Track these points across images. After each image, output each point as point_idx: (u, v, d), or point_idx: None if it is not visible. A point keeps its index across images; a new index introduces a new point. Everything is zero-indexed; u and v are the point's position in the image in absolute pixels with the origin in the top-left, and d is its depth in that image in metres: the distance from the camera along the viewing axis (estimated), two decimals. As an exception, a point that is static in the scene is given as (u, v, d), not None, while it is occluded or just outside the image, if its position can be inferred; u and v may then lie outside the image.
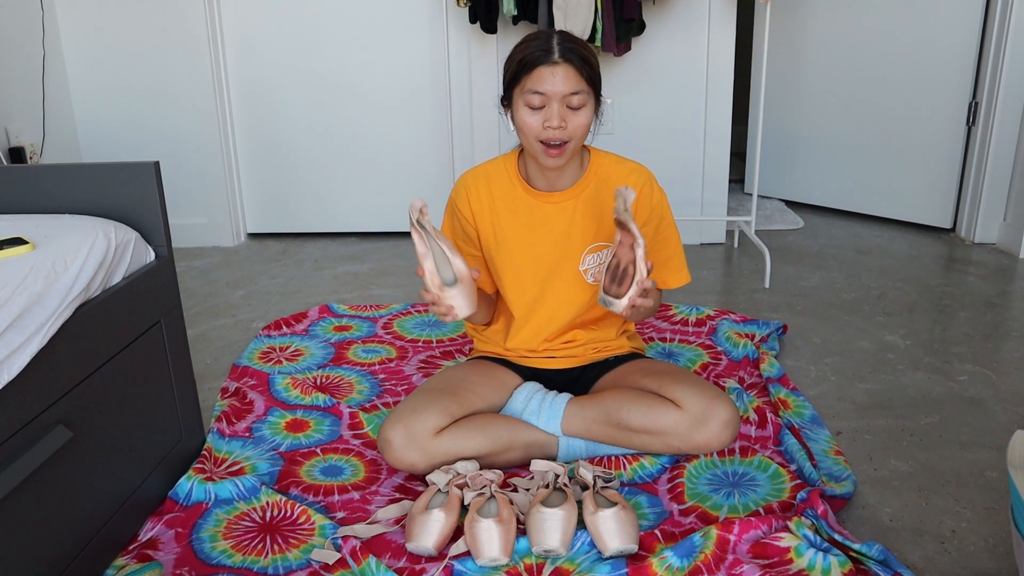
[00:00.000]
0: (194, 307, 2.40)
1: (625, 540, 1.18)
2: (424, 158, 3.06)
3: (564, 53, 1.30)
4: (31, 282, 1.04)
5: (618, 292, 1.28)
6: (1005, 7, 2.67)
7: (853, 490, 1.36)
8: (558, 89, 1.30)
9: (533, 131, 1.34)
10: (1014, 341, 2.03)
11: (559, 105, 1.31)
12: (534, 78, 1.31)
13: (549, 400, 1.47)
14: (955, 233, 3.03)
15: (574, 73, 1.31)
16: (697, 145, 2.90)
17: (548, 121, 1.32)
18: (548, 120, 1.32)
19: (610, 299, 1.29)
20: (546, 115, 1.32)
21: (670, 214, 1.52)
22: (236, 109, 3.05)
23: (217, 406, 1.70)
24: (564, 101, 1.31)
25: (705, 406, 1.37)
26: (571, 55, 1.31)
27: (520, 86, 1.33)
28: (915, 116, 3.05)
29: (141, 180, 1.34)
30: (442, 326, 2.17)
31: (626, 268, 1.28)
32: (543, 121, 1.32)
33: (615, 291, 1.29)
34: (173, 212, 2.72)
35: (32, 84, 2.76)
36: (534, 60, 1.31)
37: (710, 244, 3.02)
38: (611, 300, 1.29)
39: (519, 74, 1.33)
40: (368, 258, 2.90)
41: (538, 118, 1.33)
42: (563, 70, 1.30)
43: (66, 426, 1.09)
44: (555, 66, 1.30)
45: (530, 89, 1.32)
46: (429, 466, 1.36)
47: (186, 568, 1.20)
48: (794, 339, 2.07)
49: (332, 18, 2.92)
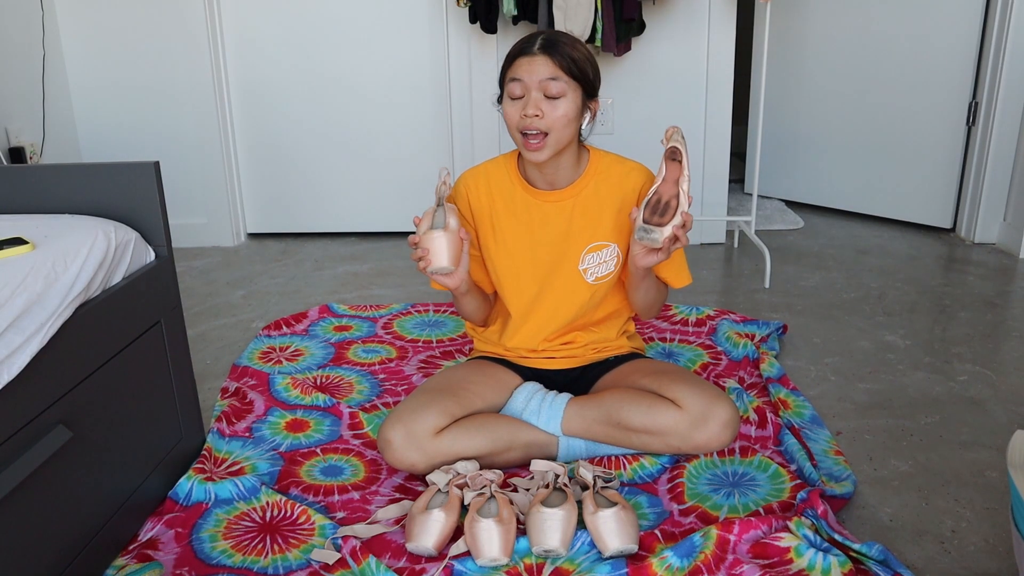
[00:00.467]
0: (194, 307, 2.40)
1: (625, 540, 1.18)
2: (424, 158, 3.06)
3: (544, 45, 1.35)
4: (31, 282, 1.04)
5: (660, 222, 1.28)
6: (1005, 7, 2.67)
7: (853, 490, 1.36)
8: (534, 76, 1.34)
9: (513, 121, 1.37)
10: (1014, 341, 2.03)
11: (536, 93, 1.34)
12: (515, 68, 1.36)
13: (549, 400, 1.47)
14: (955, 233, 3.03)
15: (551, 62, 1.34)
16: (697, 145, 2.89)
17: (525, 110, 1.34)
18: (525, 108, 1.34)
19: (651, 227, 1.28)
20: (524, 104, 1.35)
21: None
22: (236, 109, 3.05)
23: (217, 406, 1.70)
24: (541, 88, 1.34)
25: (705, 406, 1.37)
26: (551, 47, 1.34)
27: (505, 80, 1.38)
28: (915, 116, 3.05)
29: (141, 180, 1.34)
30: (442, 326, 2.17)
31: (668, 202, 1.29)
32: (522, 110, 1.35)
33: (657, 221, 1.28)
34: (173, 212, 2.72)
35: (32, 84, 2.76)
36: (516, 52, 1.37)
37: (710, 244, 3.02)
38: (652, 228, 1.28)
39: (505, 68, 1.39)
40: (368, 258, 2.90)
41: (518, 107, 1.36)
42: (541, 59, 1.34)
43: (66, 426, 1.09)
44: (533, 56, 1.34)
45: (510, 78, 1.36)
46: (429, 466, 1.36)
47: (186, 568, 1.20)
48: (794, 339, 2.07)
49: (332, 18, 2.92)
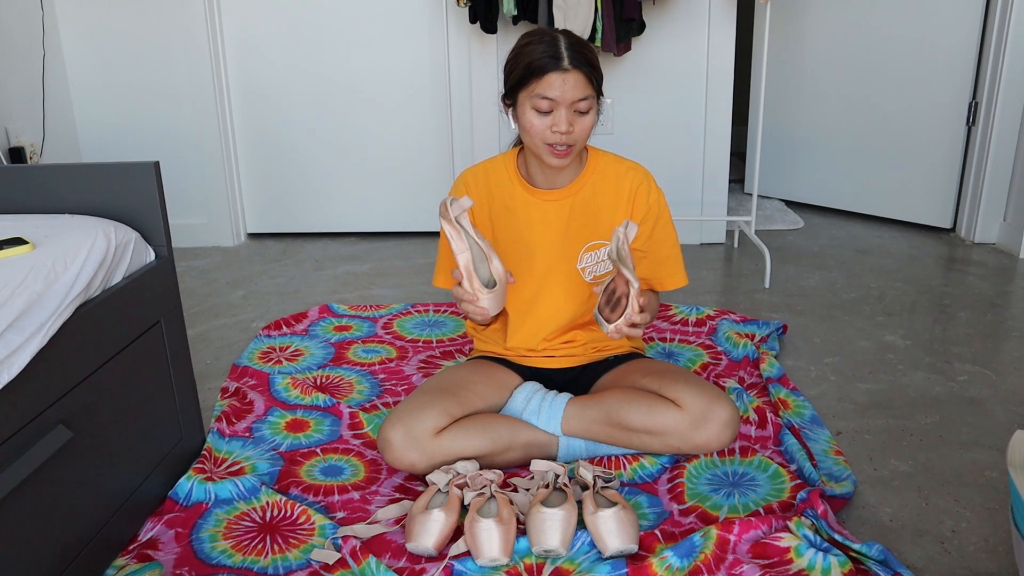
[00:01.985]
0: (194, 307, 2.40)
1: (625, 540, 1.18)
2: (424, 158, 3.06)
3: (573, 60, 1.31)
4: (31, 282, 1.04)
5: (609, 316, 1.33)
6: (1005, 7, 2.67)
7: (853, 490, 1.36)
8: (567, 96, 1.31)
9: (540, 134, 1.35)
10: (1014, 341, 2.03)
11: (567, 111, 1.32)
12: (544, 84, 1.31)
13: (549, 400, 1.47)
14: (955, 233, 3.03)
15: (583, 80, 1.32)
16: (697, 145, 2.90)
17: (556, 126, 1.32)
18: (556, 125, 1.32)
19: (602, 320, 1.34)
20: (554, 119, 1.32)
21: (668, 214, 1.52)
22: (236, 109, 3.05)
23: (217, 406, 1.70)
24: (572, 107, 1.32)
25: (705, 406, 1.37)
26: (580, 61, 1.31)
27: (528, 89, 1.33)
28: (915, 116, 3.05)
29: (141, 180, 1.34)
30: (442, 326, 2.17)
31: (620, 298, 1.32)
32: (551, 125, 1.33)
33: (607, 314, 1.34)
34: (173, 212, 2.73)
35: (32, 84, 2.76)
36: (543, 66, 1.30)
37: (710, 244, 3.02)
38: (602, 321, 1.34)
39: (527, 77, 1.32)
40: (368, 258, 2.90)
41: (546, 121, 1.33)
42: (573, 77, 1.31)
43: (66, 426, 1.09)
44: (565, 73, 1.30)
45: (539, 94, 1.32)
46: (429, 466, 1.36)
47: (186, 568, 1.20)
48: (794, 339, 2.07)
49: (332, 18, 2.92)
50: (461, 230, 1.29)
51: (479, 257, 1.31)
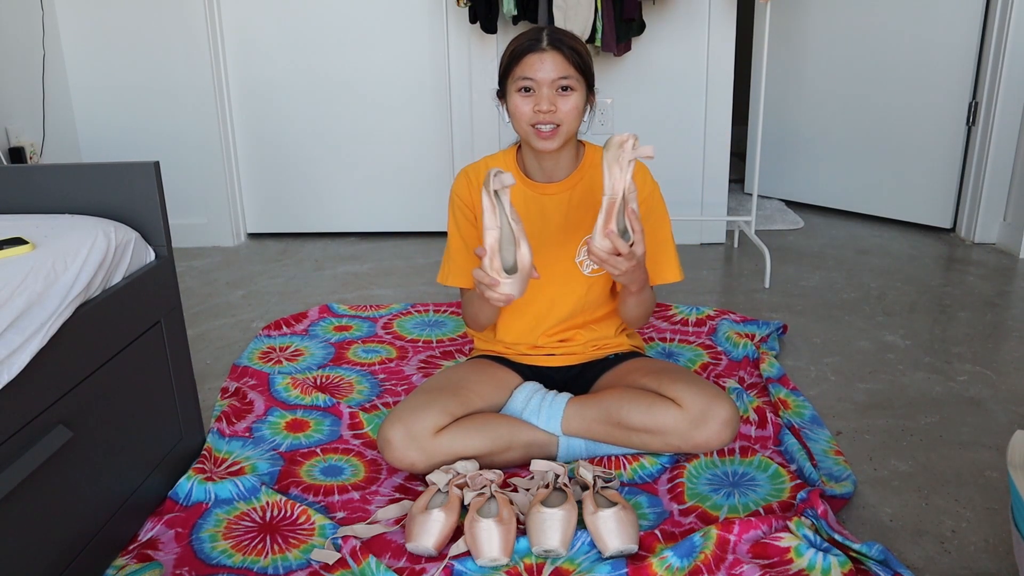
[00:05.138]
0: (194, 307, 2.40)
1: (625, 540, 1.18)
2: (424, 158, 3.06)
3: (552, 41, 1.36)
4: (31, 282, 1.04)
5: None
6: (1005, 7, 2.67)
7: (853, 490, 1.36)
8: (547, 75, 1.35)
9: (525, 116, 1.38)
10: (1014, 341, 2.03)
11: (548, 90, 1.35)
12: (524, 66, 1.36)
13: (549, 399, 1.47)
14: (955, 233, 3.03)
15: (562, 59, 1.35)
16: (697, 145, 2.90)
17: (538, 105, 1.35)
18: (538, 104, 1.35)
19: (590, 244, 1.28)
20: (536, 99, 1.36)
21: (662, 207, 1.52)
22: (236, 109, 3.05)
23: (217, 406, 1.70)
24: (553, 85, 1.35)
25: (705, 405, 1.37)
26: (559, 43, 1.36)
27: (512, 75, 1.38)
28: (915, 116, 3.05)
29: (141, 180, 1.34)
30: (442, 326, 2.17)
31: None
32: (534, 105, 1.36)
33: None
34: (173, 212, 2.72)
35: (32, 84, 2.76)
36: (524, 49, 1.36)
37: (710, 244, 3.02)
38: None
39: (511, 64, 1.38)
40: (368, 258, 2.90)
41: (529, 103, 1.37)
42: (551, 56, 1.35)
43: (66, 426, 1.09)
44: (543, 53, 1.35)
45: (520, 76, 1.36)
46: (429, 466, 1.36)
47: (186, 568, 1.20)
48: (794, 339, 2.07)
49: (332, 18, 2.92)
50: (498, 206, 1.25)
51: (507, 239, 1.28)
